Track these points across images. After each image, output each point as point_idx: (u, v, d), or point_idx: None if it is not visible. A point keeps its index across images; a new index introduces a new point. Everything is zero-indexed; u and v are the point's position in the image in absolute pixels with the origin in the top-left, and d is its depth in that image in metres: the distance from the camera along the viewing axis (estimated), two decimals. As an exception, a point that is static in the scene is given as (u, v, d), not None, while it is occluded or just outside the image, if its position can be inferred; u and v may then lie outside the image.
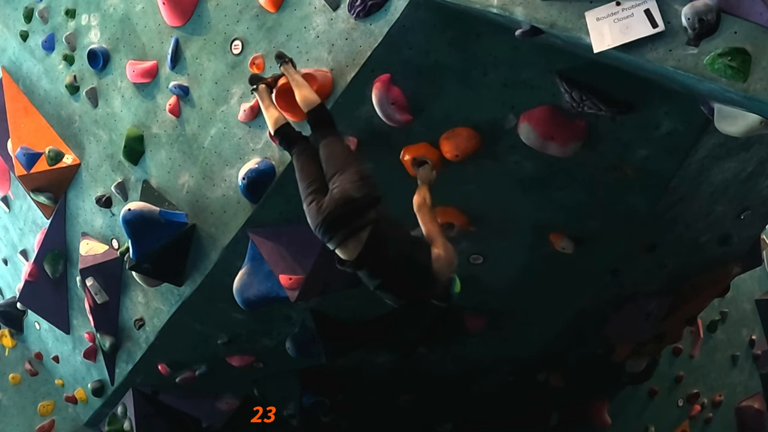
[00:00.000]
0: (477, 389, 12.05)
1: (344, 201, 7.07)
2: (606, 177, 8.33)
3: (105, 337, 11.08)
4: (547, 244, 9.19)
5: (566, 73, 7.40)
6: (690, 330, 14.06)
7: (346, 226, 7.11)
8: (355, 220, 7.10)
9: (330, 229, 7.16)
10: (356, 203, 7.08)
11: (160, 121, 9.57)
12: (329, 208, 7.11)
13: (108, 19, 9.97)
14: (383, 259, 7.28)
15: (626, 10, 5.52)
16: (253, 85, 8.05)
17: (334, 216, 7.09)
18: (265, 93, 7.97)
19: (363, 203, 7.11)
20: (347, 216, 7.09)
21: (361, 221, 7.10)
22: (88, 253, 10.71)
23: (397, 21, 7.35)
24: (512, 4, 6.16)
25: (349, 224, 7.10)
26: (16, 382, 13.34)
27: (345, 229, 7.13)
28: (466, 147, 8.09)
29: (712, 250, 10.53)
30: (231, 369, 11.20)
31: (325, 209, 7.13)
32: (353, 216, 7.10)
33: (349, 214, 7.09)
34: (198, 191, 9.32)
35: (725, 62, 5.09)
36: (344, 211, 7.08)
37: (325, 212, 7.12)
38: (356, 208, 7.09)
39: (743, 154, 8.52)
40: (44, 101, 11.05)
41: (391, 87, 7.69)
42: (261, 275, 9.18)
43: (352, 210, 7.08)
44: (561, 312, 10.45)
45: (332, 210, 7.09)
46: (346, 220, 7.11)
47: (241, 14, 8.60)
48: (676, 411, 15.01)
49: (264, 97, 7.95)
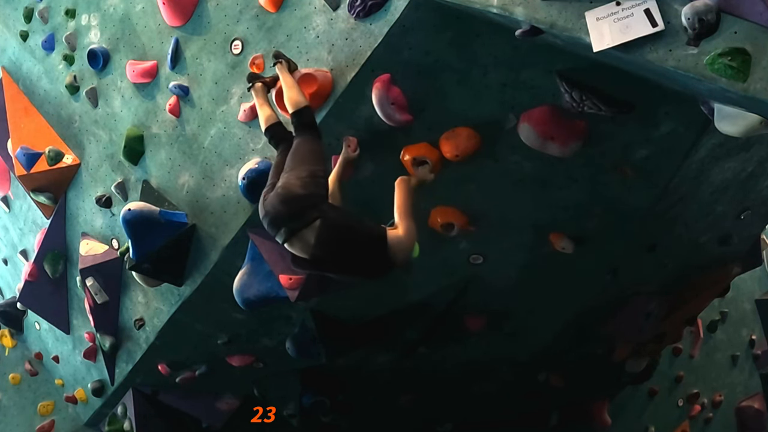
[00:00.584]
0: (477, 389, 12.05)
1: (285, 197, 7.07)
2: (606, 177, 8.33)
3: (105, 337, 11.08)
4: (547, 244, 9.19)
5: (566, 73, 7.41)
6: (690, 330, 14.06)
7: (287, 223, 7.10)
8: (296, 217, 7.09)
9: (272, 224, 7.17)
10: (298, 200, 7.07)
11: (160, 121, 9.57)
12: (271, 203, 7.14)
13: (108, 19, 9.97)
14: (335, 256, 7.30)
15: (626, 9, 5.52)
16: (250, 82, 8.06)
17: (275, 211, 7.11)
18: (261, 91, 7.99)
19: (305, 201, 7.08)
20: (288, 213, 7.08)
21: (303, 220, 7.08)
22: (88, 253, 10.71)
23: (397, 21, 7.36)
24: (512, 4, 6.16)
25: (290, 221, 7.09)
26: (16, 382, 13.33)
27: (286, 226, 7.11)
28: (466, 147, 8.09)
29: (712, 250, 10.53)
30: (231, 369, 11.20)
31: (268, 203, 7.17)
32: (295, 213, 7.08)
33: (291, 210, 7.08)
34: (198, 191, 9.32)
35: (725, 62, 5.09)
36: (285, 207, 7.08)
37: (268, 206, 7.16)
38: (298, 205, 7.07)
39: (743, 154, 8.52)
40: (44, 101, 11.05)
41: (391, 87, 7.70)
42: (261, 275, 9.18)
43: (294, 207, 7.07)
44: (561, 312, 10.45)
45: (274, 205, 7.11)
46: (287, 217, 7.10)
47: (241, 14, 8.60)
48: (676, 411, 15.01)
49: (259, 95, 7.97)
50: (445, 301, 10.11)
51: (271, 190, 7.26)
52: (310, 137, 7.48)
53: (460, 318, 10.49)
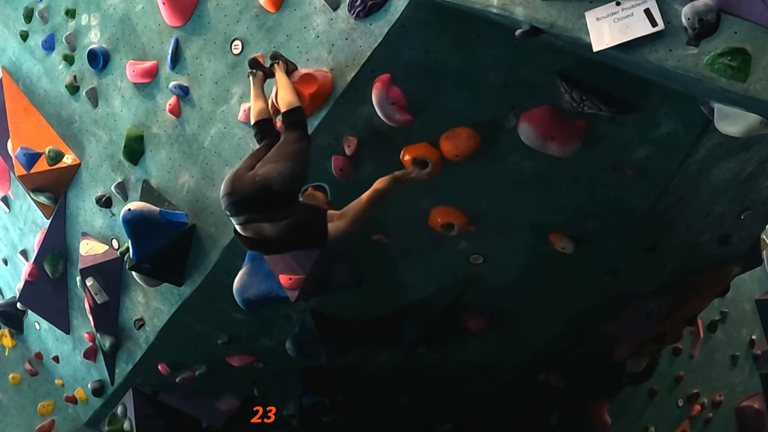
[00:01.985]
0: (477, 389, 12.05)
1: (261, 188, 7.05)
2: (606, 177, 8.33)
3: (105, 337, 11.08)
4: (547, 244, 9.19)
5: (566, 73, 7.40)
6: (690, 330, 14.05)
7: (252, 213, 7.13)
8: (264, 211, 7.12)
9: (234, 206, 7.16)
10: (272, 196, 7.07)
11: (160, 121, 9.58)
12: (243, 186, 7.10)
13: (108, 19, 9.97)
14: (283, 247, 7.58)
15: (626, 9, 5.52)
16: (252, 69, 8.02)
17: (244, 196, 7.09)
18: (259, 81, 7.96)
19: (279, 199, 7.11)
20: (257, 204, 7.10)
21: (269, 216, 7.12)
22: (88, 253, 10.72)
23: (397, 21, 7.35)
24: (512, 4, 6.16)
25: (256, 212, 7.12)
26: (16, 382, 13.34)
27: (249, 215, 7.14)
28: (466, 147, 8.08)
29: (712, 250, 10.53)
30: (231, 369, 11.20)
31: (239, 185, 7.13)
32: (263, 207, 7.10)
33: (260, 203, 7.09)
34: (198, 191, 9.33)
35: (725, 62, 5.09)
36: (256, 197, 7.08)
37: (238, 187, 7.11)
38: (270, 200, 7.08)
39: (743, 154, 8.52)
40: (44, 101, 11.06)
41: (391, 87, 7.69)
42: (261, 275, 9.19)
43: (265, 201, 7.08)
44: (561, 312, 10.45)
45: (246, 190, 7.08)
46: (254, 208, 7.12)
47: (241, 14, 8.60)
48: (676, 411, 15.01)
49: (257, 85, 7.93)
50: (445, 301, 10.10)
51: (245, 172, 7.20)
52: (298, 136, 7.48)
53: (460, 318, 10.49)
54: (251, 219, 7.15)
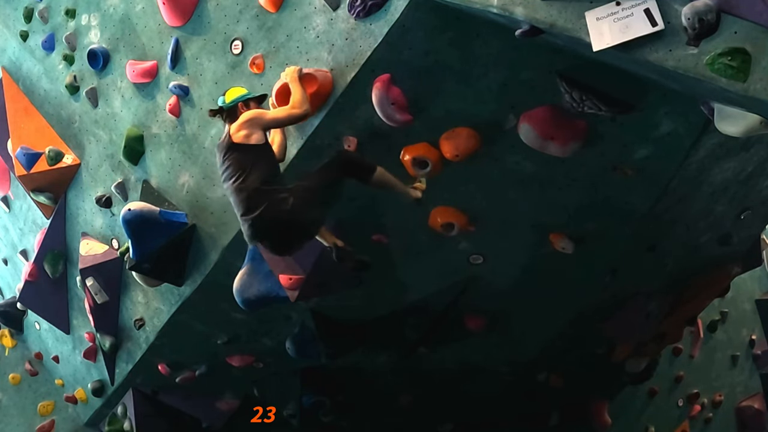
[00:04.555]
0: (477, 389, 12.05)
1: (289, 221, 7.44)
2: (606, 177, 8.33)
3: (105, 337, 11.08)
4: (547, 244, 9.19)
5: (566, 73, 7.40)
6: (690, 330, 14.05)
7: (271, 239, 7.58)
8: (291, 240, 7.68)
9: (261, 235, 7.54)
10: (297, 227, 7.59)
11: (160, 121, 9.57)
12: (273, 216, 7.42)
13: (108, 19, 9.97)
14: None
15: (626, 9, 5.52)
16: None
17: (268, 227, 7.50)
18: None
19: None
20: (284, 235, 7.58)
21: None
22: (88, 253, 10.72)
23: (397, 21, 7.35)
24: (512, 4, 6.16)
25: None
26: (16, 382, 13.33)
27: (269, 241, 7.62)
28: (466, 147, 8.09)
29: (712, 250, 10.53)
30: (231, 369, 11.21)
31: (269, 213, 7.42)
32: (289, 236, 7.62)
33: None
34: (198, 191, 9.33)
35: (725, 62, 5.09)
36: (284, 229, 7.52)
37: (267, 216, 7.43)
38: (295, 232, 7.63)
39: (743, 154, 8.52)
40: (44, 101, 11.06)
41: (391, 87, 7.69)
42: (261, 275, 9.19)
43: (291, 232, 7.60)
44: (561, 312, 10.45)
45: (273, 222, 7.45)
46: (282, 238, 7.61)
47: (241, 14, 8.60)
48: (676, 411, 15.01)
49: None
50: (445, 301, 10.11)
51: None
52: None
53: (460, 318, 10.49)
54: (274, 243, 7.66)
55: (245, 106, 7.78)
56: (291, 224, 7.42)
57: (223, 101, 7.81)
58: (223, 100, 7.81)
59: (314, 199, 7.49)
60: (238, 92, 7.85)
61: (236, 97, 7.78)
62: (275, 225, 7.38)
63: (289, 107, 7.58)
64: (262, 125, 7.54)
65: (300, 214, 7.37)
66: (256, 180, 7.40)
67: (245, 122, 7.52)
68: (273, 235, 7.48)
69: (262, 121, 7.54)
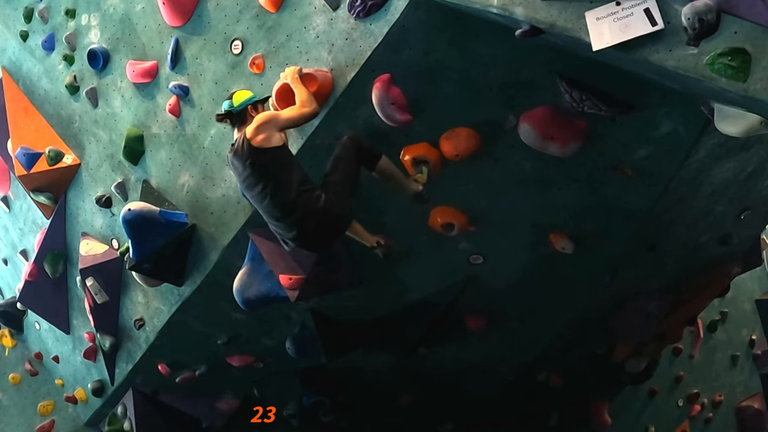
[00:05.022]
0: (477, 389, 12.05)
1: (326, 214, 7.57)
2: (606, 177, 8.34)
3: (105, 337, 11.08)
4: (547, 244, 9.20)
5: (566, 73, 7.41)
6: (690, 330, 14.05)
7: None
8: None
9: (304, 236, 7.74)
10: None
11: (160, 121, 9.57)
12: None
13: (108, 19, 9.97)
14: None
15: (626, 9, 5.51)
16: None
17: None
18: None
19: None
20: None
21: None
22: (88, 253, 10.71)
23: (397, 21, 7.35)
24: (512, 4, 6.16)
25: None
26: (16, 382, 13.33)
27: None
28: (466, 147, 8.09)
29: (712, 250, 10.53)
30: (231, 369, 11.20)
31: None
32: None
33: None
34: (198, 191, 9.32)
35: (725, 62, 5.09)
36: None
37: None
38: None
39: (743, 154, 8.52)
40: (44, 101, 11.06)
41: (391, 87, 7.69)
42: (261, 275, 9.19)
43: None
44: (561, 312, 10.46)
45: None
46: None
47: (241, 14, 8.60)
48: (676, 411, 15.01)
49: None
50: (445, 300, 10.10)
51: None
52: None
53: (460, 318, 10.49)
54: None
55: (254, 109, 7.75)
56: (329, 221, 7.54)
57: (230, 105, 7.72)
58: (231, 104, 7.72)
59: (345, 191, 7.60)
60: (245, 95, 7.77)
61: (244, 101, 7.70)
62: (316, 224, 7.47)
63: (299, 106, 7.56)
64: (278, 126, 7.49)
65: (336, 209, 7.51)
66: (294, 184, 7.47)
67: (262, 125, 7.44)
68: (314, 234, 7.59)
69: (279, 123, 7.49)
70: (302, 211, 7.42)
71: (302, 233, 7.54)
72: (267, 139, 7.41)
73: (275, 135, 7.45)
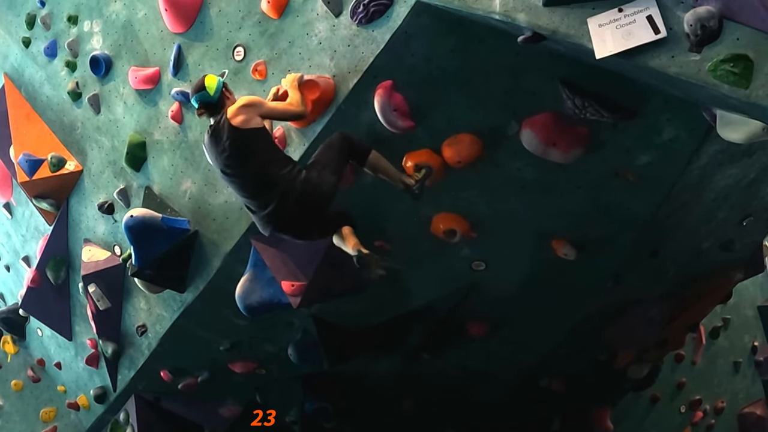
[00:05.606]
0: (479, 395, 12.04)
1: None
2: (608, 183, 8.32)
3: (107, 344, 11.08)
4: (549, 250, 9.19)
5: (568, 80, 7.40)
6: (692, 336, 14.05)
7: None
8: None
9: (278, 216, 7.64)
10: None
11: (162, 127, 9.58)
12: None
13: (110, 26, 9.98)
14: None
15: (628, 16, 5.51)
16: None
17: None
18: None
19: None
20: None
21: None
22: (91, 259, 10.72)
23: (400, 27, 7.36)
24: (515, 10, 6.16)
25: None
26: (18, 389, 13.34)
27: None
28: (468, 153, 8.09)
29: (715, 257, 10.52)
30: (233, 375, 11.20)
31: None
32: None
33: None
34: (200, 198, 9.33)
35: (727, 69, 5.09)
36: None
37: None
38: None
39: (745, 160, 8.52)
40: (46, 108, 11.07)
41: (393, 93, 7.69)
42: (263, 281, 9.19)
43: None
44: (563, 318, 10.44)
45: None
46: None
47: (244, 21, 8.61)
48: (678, 417, 15.00)
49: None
50: (447, 307, 10.11)
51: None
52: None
53: (463, 324, 10.49)
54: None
55: (227, 91, 7.70)
56: (306, 196, 7.39)
57: (204, 95, 7.55)
58: (205, 94, 7.53)
59: (328, 172, 7.48)
60: (214, 80, 7.59)
61: (218, 85, 7.56)
62: (294, 201, 7.39)
63: (286, 103, 7.59)
64: (261, 113, 7.45)
65: (314, 186, 7.38)
66: (274, 162, 7.45)
67: (244, 106, 7.41)
68: (292, 212, 7.46)
69: (262, 109, 7.47)
70: (282, 187, 7.37)
71: (279, 211, 7.45)
72: (247, 121, 7.37)
73: (256, 118, 7.41)
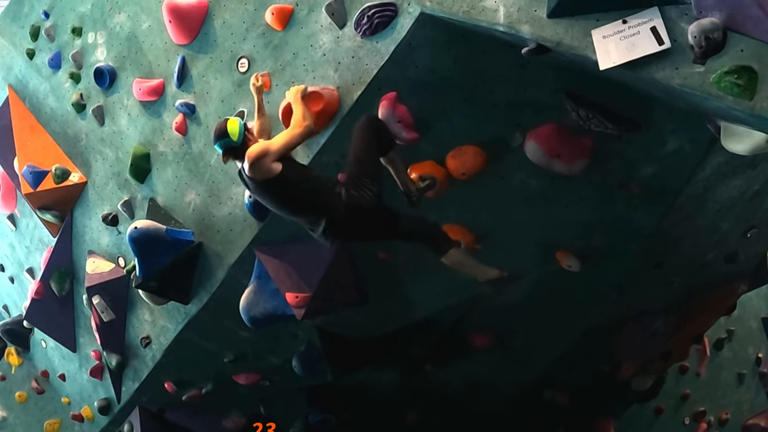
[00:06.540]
0: (483, 407, 12.02)
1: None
2: (612, 194, 8.33)
3: (111, 355, 11.07)
4: (553, 261, 9.18)
5: (573, 91, 7.41)
6: (696, 348, 14.04)
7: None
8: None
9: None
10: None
11: (166, 139, 9.59)
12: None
13: (114, 38, 10.00)
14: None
15: (632, 27, 5.51)
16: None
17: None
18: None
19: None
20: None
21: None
22: (95, 271, 10.72)
23: (404, 39, 7.37)
24: (519, 22, 6.16)
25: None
26: (22, 400, 13.35)
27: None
28: (472, 165, 8.09)
29: (719, 268, 10.51)
30: (237, 387, 11.19)
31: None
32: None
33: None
34: (204, 209, 9.33)
35: (732, 80, 5.08)
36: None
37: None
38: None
39: (750, 171, 8.52)
40: (51, 119, 11.08)
41: (397, 105, 7.70)
42: (267, 293, 9.19)
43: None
44: (567, 329, 10.44)
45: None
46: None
47: (248, 32, 8.62)
48: (682, 429, 14.98)
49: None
50: (451, 318, 10.10)
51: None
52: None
53: (466, 335, 10.48)
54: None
55: (247, 131, 7.51)
56: (354, 215, 7.41)
57: (228, 142, 7.37)
58: (229, 141, 7.35)
59: (365, 181, 7.42)
60: (236, 123, 7.40)
61: (240, 129, 7.37)
62: (343, 220, 7.41)
63: (291, 128, 7.39)
64: (273, 158, 7.24)
65: (356, 202, 7.34)
66: (300, 194, 7.46)
67: (256, 161, 7.23)
68: (345, 227, 7.50)
69: (272, 154, 7.23)
70: (327, 215, 7.37)
71: (333, 232, 7.48)
72: (267, 172, 7.26)
73: (272, 165, 7.25)
